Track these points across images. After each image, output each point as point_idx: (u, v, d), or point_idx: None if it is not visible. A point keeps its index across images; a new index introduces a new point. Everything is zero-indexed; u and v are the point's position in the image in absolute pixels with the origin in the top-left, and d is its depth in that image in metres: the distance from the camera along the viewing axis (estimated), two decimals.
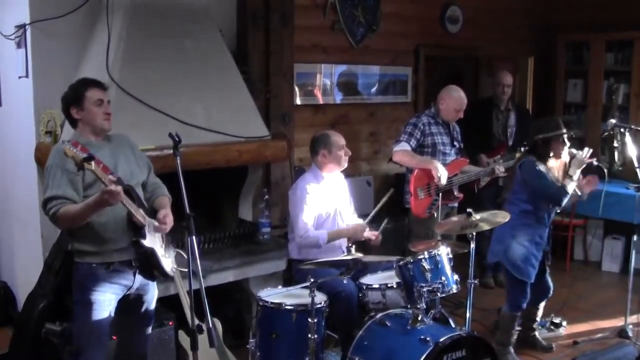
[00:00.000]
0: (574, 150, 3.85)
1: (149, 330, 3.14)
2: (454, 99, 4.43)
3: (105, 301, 2.83)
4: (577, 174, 3.82)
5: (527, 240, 3.89)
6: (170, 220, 2.95)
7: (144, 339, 3.10)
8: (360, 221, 4.18)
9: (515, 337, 4.06)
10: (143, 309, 3.03)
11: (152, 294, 3.06)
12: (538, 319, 4.24)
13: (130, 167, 2.96)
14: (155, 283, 3.06)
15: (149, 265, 2.93)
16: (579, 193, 3.95)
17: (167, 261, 2.99)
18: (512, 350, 4.00)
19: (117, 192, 2.57)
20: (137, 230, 2.82)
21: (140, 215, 2.79)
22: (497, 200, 5.05)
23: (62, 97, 2.92)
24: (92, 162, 2.52)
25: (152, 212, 2.97)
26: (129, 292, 2.92)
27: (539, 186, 3.82)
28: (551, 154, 3.85)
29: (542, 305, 4.17)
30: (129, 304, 2.97)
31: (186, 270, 2.61)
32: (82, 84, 2.91)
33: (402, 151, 4.36)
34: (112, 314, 2.88)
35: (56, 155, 2.78)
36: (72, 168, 2.69)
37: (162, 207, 3.01)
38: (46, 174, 2.79)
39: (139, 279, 2.93)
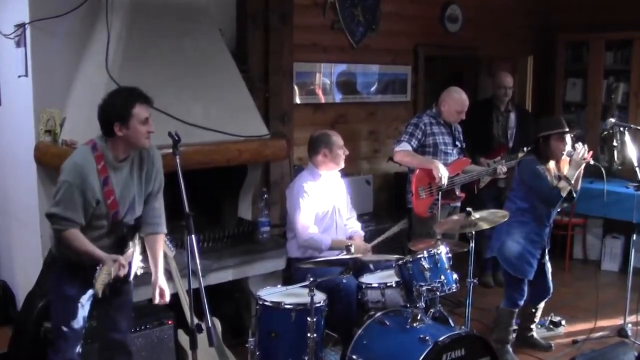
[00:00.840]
0: (571, 151, 3.84)
1: (130, 320, 3.12)
2: (455, 101, 4.43)
3: (81, 294, 2.85)
4: (574, 176, 3.81)
5: (522, 237, 3.89)
6: (167, 299, 3.01)
7: (125, 329, 3.08)
8: (359, 228, 4.19)
9: (513, 335, 4.06)
10: (122, 296, 3.02)
11: (130, 282, 3.05)
12: (537, 319, 4.24)
13: (140, 199, 2.91)
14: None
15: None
16: (575, 195, 3.93)
17: (139, 268, 2.98)
18: (510, 349, 4.00)
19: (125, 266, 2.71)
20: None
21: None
22: (500, 200, 5.04)
23: (104, 107, 2.73)
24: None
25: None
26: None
27: (534, 186, 3.83)
28: (550, 153, 3.85)
29: (541, 305, 4.17)
30: (108, 294, 2.94)
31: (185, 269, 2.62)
32: (130, 98, 2.72)
33: (403, 151, 4.36)
34: (89, 307, 2.90)
35: (77, 174, 2.68)
36: (91, 196, 2.69)
37: (152, 260, 2.99)
38: (61, 186, 2.68)
39: None
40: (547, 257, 4.05)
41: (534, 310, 4.16)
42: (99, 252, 2.71)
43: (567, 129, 3.82)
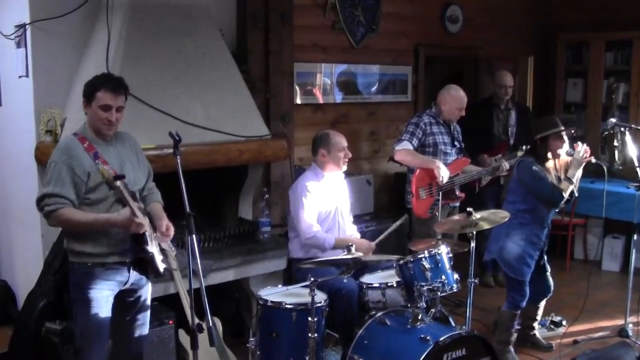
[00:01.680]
0: (571, 150, 3.84)
1: (145, 329, 3.12)
2: (455, 98, 4.44)
3: (102, 298, 2.84)
4: (575, 175, 3.81)
5: (523, 239, 3.89)
6: (172, 232, 2.98)
7: (140, 337, 3.09)
8: (354, 228, 4.18)
9: (515, 336, 4.06)
10: (138, 305, 3.03)
11: (147, 289, 3.06)
12: (538, 317, 4.24)
13: (136, 174, 2.96)
14: (148, 280, 3.07)
15: (143, 263, 2.93)
16: (576, 194, 3.93)
17: (160, 262, 2.98)
18: (512, 349, 4.00)
19: (143, 225, 2.65)
20: (137, 237, 2.81)
21: (145, 224, 2.80)
22: (500, 200, 5.04)
23: (85, 83, 2.87)
24: (119, 182, 2.54)
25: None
26: (124, 287, 2.93)
27: (534, 187, 3.83)
28: (549, 153, 3.85)
29: (542, 304, 4.17)
30: (124, 301, 2.97)
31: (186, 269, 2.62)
32: (99, 81, 2.83)
33: (405, 150, 4.36)
34: (110, 311, 2.88)
35: (62, 152, 2.76)
36: (80, 170, 2.71)
37: (158, 215, 3.01)
38: (49, 168, 2.76)
39: (134, 274, 2.94)
40: (545, 259, 4.05)
41: (535, 309, 4.16)
42: (104, 214, 2.71)
43: (562, 127, 3.83)
